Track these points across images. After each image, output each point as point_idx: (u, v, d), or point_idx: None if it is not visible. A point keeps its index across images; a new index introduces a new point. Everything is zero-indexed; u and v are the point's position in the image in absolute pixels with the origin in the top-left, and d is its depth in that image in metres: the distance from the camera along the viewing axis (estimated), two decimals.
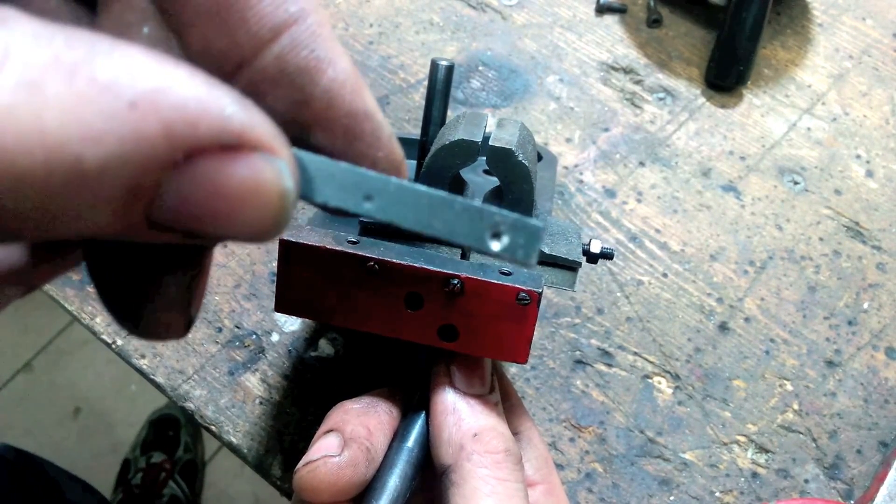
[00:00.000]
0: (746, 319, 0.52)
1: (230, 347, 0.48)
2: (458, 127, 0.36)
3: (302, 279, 0.33)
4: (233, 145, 0.16)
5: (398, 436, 0.34)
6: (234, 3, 0.18)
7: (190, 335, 0.49)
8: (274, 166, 0.16)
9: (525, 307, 0.32)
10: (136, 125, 0.14)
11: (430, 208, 0.19)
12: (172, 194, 0.15)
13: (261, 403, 0.47)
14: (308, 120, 0.19)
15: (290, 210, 0.17)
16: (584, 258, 0.38)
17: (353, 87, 0.20)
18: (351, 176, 0.18)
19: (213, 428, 0.46)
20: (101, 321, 0.50)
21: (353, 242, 0.33)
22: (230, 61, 0.19)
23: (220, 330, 0.49)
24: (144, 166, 0.14)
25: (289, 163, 0.17)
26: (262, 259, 0.52)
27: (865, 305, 0.52)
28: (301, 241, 0.33)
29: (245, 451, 0.46)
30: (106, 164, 0.14)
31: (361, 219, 0.36)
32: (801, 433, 0.48)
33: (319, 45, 0.19)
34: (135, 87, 0.14)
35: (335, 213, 0.19)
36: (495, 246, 0.19)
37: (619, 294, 0.52)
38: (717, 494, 0.46)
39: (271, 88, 0.19)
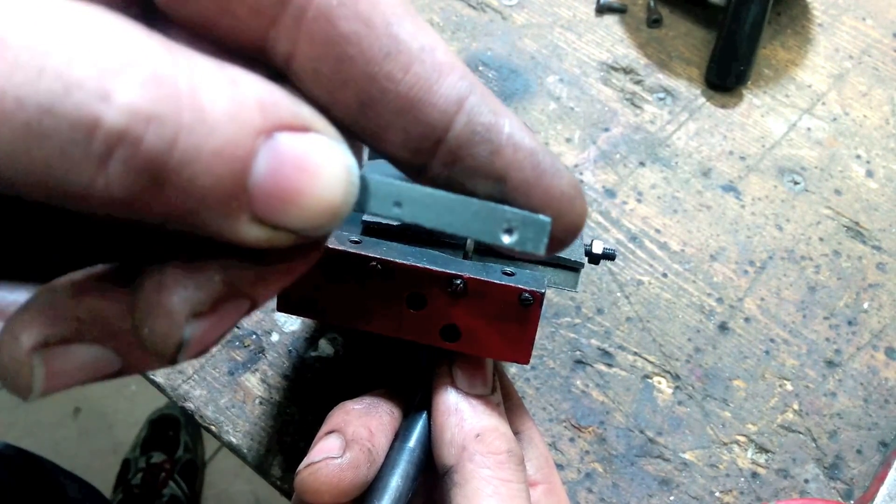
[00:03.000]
0: (746, 319, 0.52)
1: (230, 347, 0.48)
2: None
3: (304, 279, 0.33)
4: (305, 125, 0.19)
5: (400, 436, 0.34)
6: (423, 93, 0.22)
7: None
8: (338, 142, 0.19)
9: (528, 308, 0.32)
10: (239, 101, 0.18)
11: (449, 209, 0.21)
12: (263, 162, 0.18)
13: (261, 403, 0.47)
14: (501, 166, 0.23)
15: (355, 185, 0.19)
16: (587, 259, 0.38)
17: (528, 131, 0.23)
18: (384, 186, 0.21)
19: (212, 428, 0.46)
20: None
21: (356, 242, 0.33)
22: (429, 140, 0.22)
23: None
24: (245, 129, 0.17)
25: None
26: None
27: (865, 305, 0.52)
28: None
29: (245, 451, 0.46)
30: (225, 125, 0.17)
31: (365, 219, 0.36)
32: (801, 433, 0.48)
33: (493, 105, 0.23)
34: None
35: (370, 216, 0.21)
36: (507, 240, 0.21)
37: (619, 294, 0.52)
38: (717, 494, 0.46)
39: (468, 149, 0.23)
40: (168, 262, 0.20)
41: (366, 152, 0.31)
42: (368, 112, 0.22)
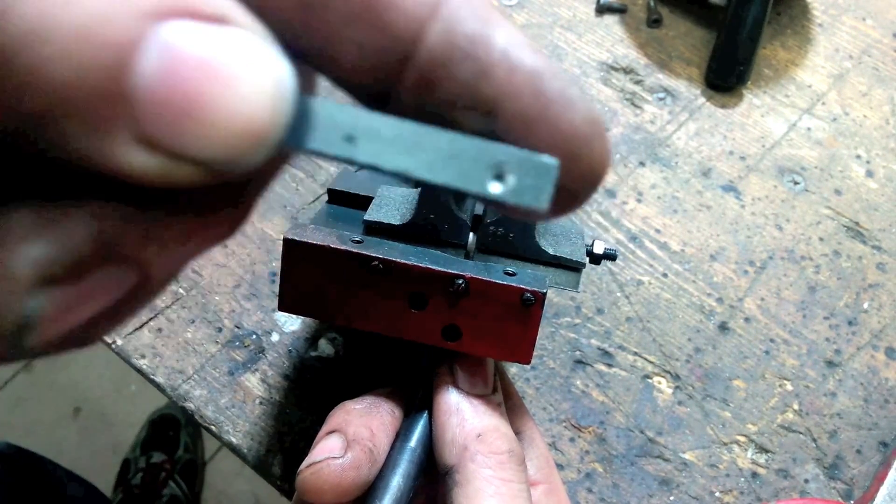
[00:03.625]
0: (746, 319, 0.52)
1: (230, 347, 0.48)
2: None
3: (305, 278, 0.33)
4: (220, 15, 0.14)
5: (401, 435, 0.34)
6: None
7: (190, 335, 0.49)
8: (265, 43, 0.14)
9: (529, 308, 0.32)
10: None
11: (419, 147, 0.16)
12: (154, 57, 0.13)
13: (261, 403, 0.47)
14: (492, 94, 0.17)
15: (287, 101, 0.15)
16: (588, 259, 0.38)
17: (529, 45, 0.17)
18: (332, 112, 0.16)
19: (212, 428, 0.46)
20: None
21: (357, 242, 0.33)
22: (394, 57, 0.17)
23: (220, 330, 0.49)
24: (128, 5, 0.13)
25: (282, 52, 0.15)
26: (262, 259, 0.51)
27: (865, 305, 0.52)
28: (305, 239, 0.33)
29: (245, 451, 0.46)
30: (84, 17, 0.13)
31: (366, 218, 0.36)
32: (801, 433, 0.48)
33: (482, 9, 0.17)
34: None
35: (316, 157, 0.17)
36: (496, 188, 0.16)
37: (619, 294, 0.52)
38: (717, 494, 0.46)
39: (446, 69, 0.17)
40: (21, 203, 0.15)
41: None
42: (311, 17, 0.16)
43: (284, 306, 0.34)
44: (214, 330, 0.49)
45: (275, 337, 0.49)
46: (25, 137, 0.13)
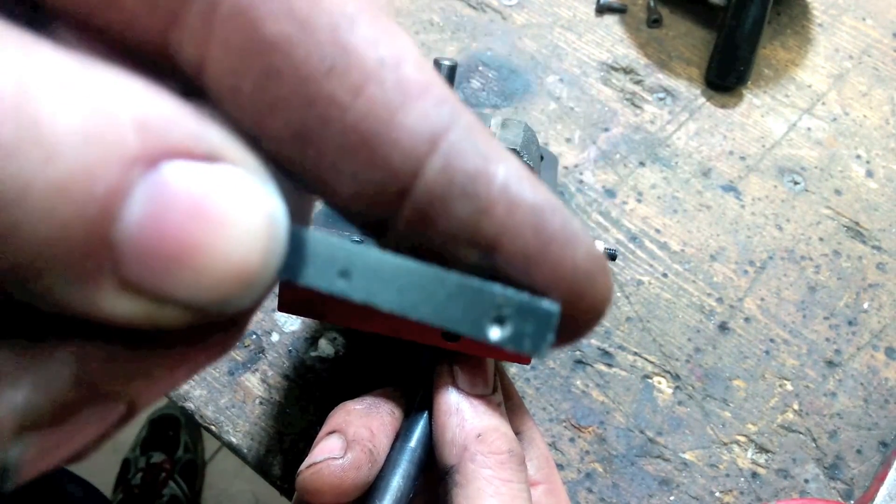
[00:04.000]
0: (746, 319, 0.52)
1: None
2: None
3: None
4: (210, 153, 0.13)
5: (401, 436, 0.34)
6: (380, 125, 0.15)
7: None
8: (258, 179, 0.14)
9: None
10: (105, 118, 0.12)
11: (416, 287, 0.16)
12: (139, 204, 0.12)
13: (261, 403, 0.47)
14: (492, 231, 0.16)
15: (280, 241, 0.14)
16: None
17: (529, 180, 0.17)
18: (327, 248, 0.16)
19: (212, 428, 0.46)
20: None
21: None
22: (391, 192, 0.16)
23: None
24: (110, 154, 0.12)
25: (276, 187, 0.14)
26: None
27: (865, 305, 0.52)
28: None
29: (245, 450, 0.46)
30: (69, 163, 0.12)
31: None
32: (801, 433, 0.48)
33: (483, 142, 0.16)
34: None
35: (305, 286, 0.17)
36: (495, 334, 0.16)
37: (619, 294, 0.52)
38: (717, 494, 0.46)
39: (445, 206, 0.16)
40: (1, 343, 0.14)
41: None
42: (307, 148, 0.16)
43: (284, 307, 0.34)
44: None
45: (275, 337, 0.49)
46: (4, 288, 0.13)
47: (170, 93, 0.14)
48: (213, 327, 0.16)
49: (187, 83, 0.16)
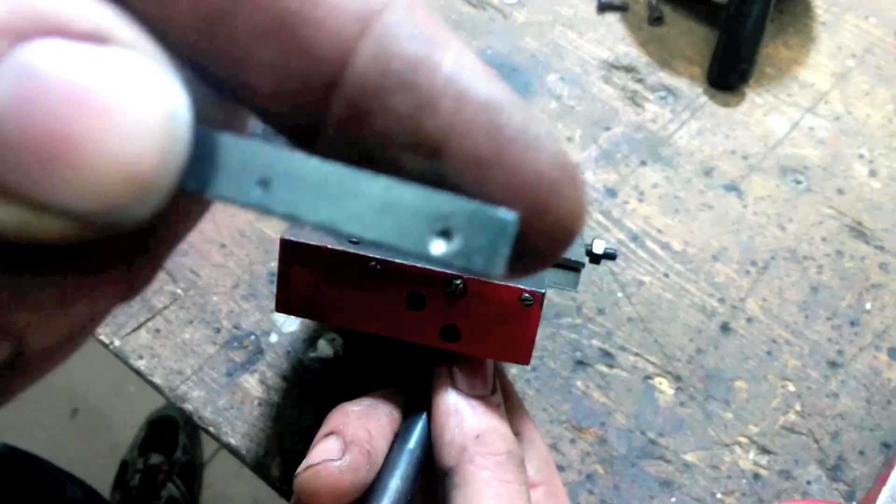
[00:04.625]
0: (748, 320, 0.51)
1: (228, 348, 0.48)
2: None
3: (302, 279, 0.33)
4: (96, 32, 0.11)
5: (399, 437, 0.34)
6: (301, 5, 0.13)
7: (188, 336, 0.48)
8: (155, 64, 0.12)
9: (528, 308, 0.32)
10: None
11: (345, 195, 0.13)
12: (4, 89, 0.11)
13: (259, 404, 0.47)
14: (437, 131, 0.14)
15: (182, 140, 0.12)
16: (588, 258, 0.38)
17: (483, 70, 0.14)
18: (242, 151, 0.13)
19: (211, 429, 0.46)
20: None
21: (355, 242, 0.33)
22: (316, 84, 0.14)
23: (218, 331, 0.49)
24: None
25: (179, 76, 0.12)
26: (260, 259, 0.51)
27: (868, 306, 0.52)
28: (302, 240, 0.32)
29: (244, 452, 0.46)
30: None
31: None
32: (804, 434, 0.48)
33: (427, 26, 0.14)
34: None
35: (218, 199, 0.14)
36: (439, 248, 0.13)
37: (620, 294, 0.52)
38: (719, 496, 0.46)
39: (380, 100, 0.14)
40: None
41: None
42: (218, 35, 0.13)
43: (282, 308, 0.34)
44: (213, 331, 0.49)
45: (273, 338, 0.49)
46: None
47: None
48: (115, 252, 0.14)
49: None
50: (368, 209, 0.13)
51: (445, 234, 0.13)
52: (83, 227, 0.12)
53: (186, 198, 0.13)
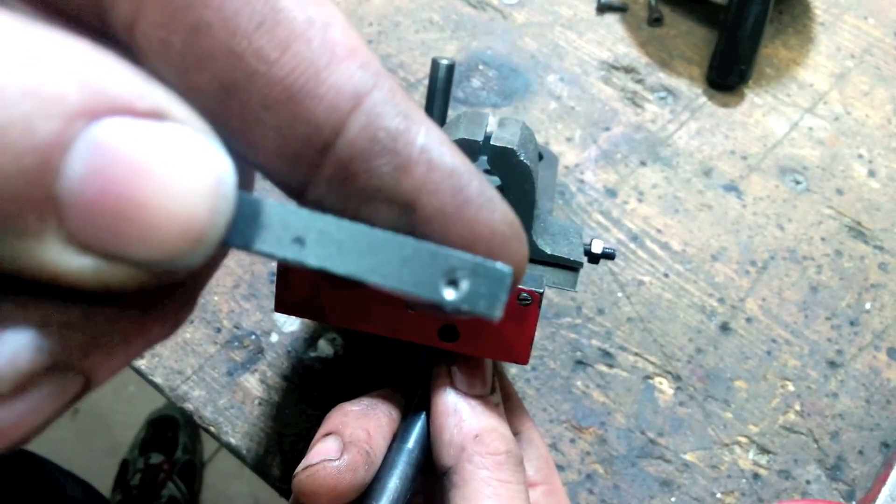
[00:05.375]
0: (748, 320, 0.51)
1: (229, 348, 0.48)
2: (459, 126, 0.35)
3: (301, 279, 0.33)
4: (157, 110, 0.14)
5: (398, 436, 0.34)
6: (305, 83, 0.16)
7: (188, 335, 0.49)
8: (206, 138, 0.14)
9: (526, 308, 0.32)
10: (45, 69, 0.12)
11: (372, 251, 0.16)
12: (81, 158, 0.13)
13: (260, 404, 0.47)
14: (411, 189, 0.17)
15: (229, 200, 0.14)
16: (586, 258, 0.38)
17: (452, 147, 0.18)
18: (280, 213, 0.16)
19: (211, 429, 0.46)
20: None
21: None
22: (313, 147, 0.16)
23: (218, 330, 0.49)
24: (52, 108, 0.12)
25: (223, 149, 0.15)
26: (260, 259, 0.51)
27: (867, 306, 0.52)
28: None
29: (244, 451, 0.46)
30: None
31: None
32: (803, 434, 0.48)
33: (405, 106, 0.17)
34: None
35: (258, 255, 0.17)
36: (450, 295, 0.16)
37: (619, 294, 0.52)
38: (719, 496, 0.46)
39: (365, 161, 0.17)
40: None
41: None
42: (233, 103, 0.16)
43: (281, 308, 0.34)
44: (213, 330, 0.49)
45: (274, 337, 0.49)
46: None
47: (111, 51, 0.14)
48: (165, 294, 0.16)
49: (118, 43, 0.16)
50: (389, 263, 0.16)
51: (454, 283, 0.16)
52: (146, 274, 0.14)
53: (228, 251, 0.16)
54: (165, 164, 0.13)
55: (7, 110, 0.12)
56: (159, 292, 0.16)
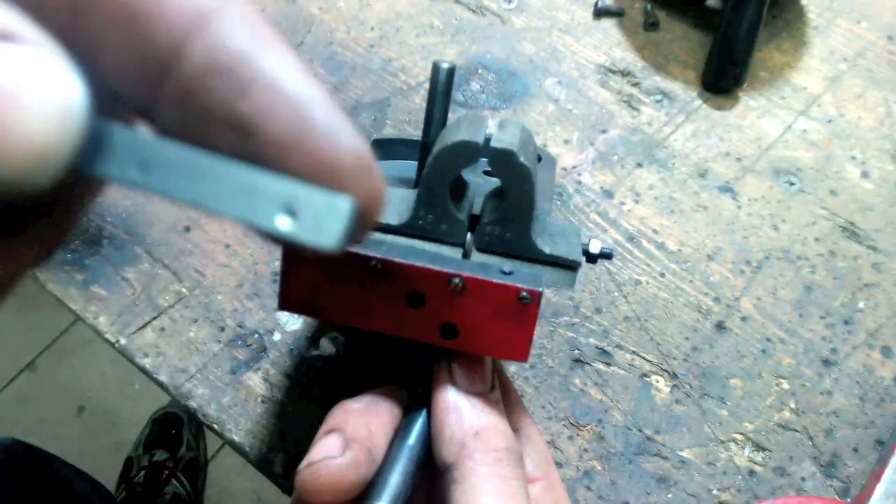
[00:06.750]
0: (743, 319, 0.52)
1: (232, 346, 0.49)
2: (459, 128, 0.36)
3: (305, 278, 0.34)
4: (5, 33, 0.14)
5: (400, 433, 0.34)
6: (145, 4, 0.16)
7: (192, 334, 0.49)
8: (55, 59, 0.14)
9: (526, 306, 0.33)
10: None
11: (211, 179, 0.16)
12: None
13: (263, 402, 0.47)
14: (249, 113, 0.17)
15: (76, 122, 0.15)
16: (584, 258, 0.39)
17: (299, 70, 0.17)
18: (127, 139, 0.16)
19: (215, 426, 0.47)
20: (105, 320, 0.50)
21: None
22: (153, 69, 0.17)
23: (222, 329, 0.50)
24: None
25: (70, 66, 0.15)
26: (264, 259, 0.52)
27: (861, 305, 0.53)
28: None
29: (247, 449, 0.46)
30: None
31: None
32: (798, 431, 0.49)
33: (252, 28, 0.17)
34: None
35: (111, 182, 0.17)
36: (284, 225, 0.16)
37: (617, 294, 0.52)
38: (715, 492, 0.47)
39: (205, 83, 0.16)
40: None
41: None
42: (80, 23, 0.16)
43: (284, 306, 0.35)
44: (217, 329, 0.50)
45: (277, 336, 0.49)
46: None
47: None
48: (30, 218, 0.17)
49: None
50: (227, 191, 0.16)
51: (291, 213, 0.16)
52: None
53: (79, 176, 0.16)
54: (14, 84, 0.13)
55: None
56: (24, 216, 0.16)
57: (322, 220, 0.16)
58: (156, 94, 0.17)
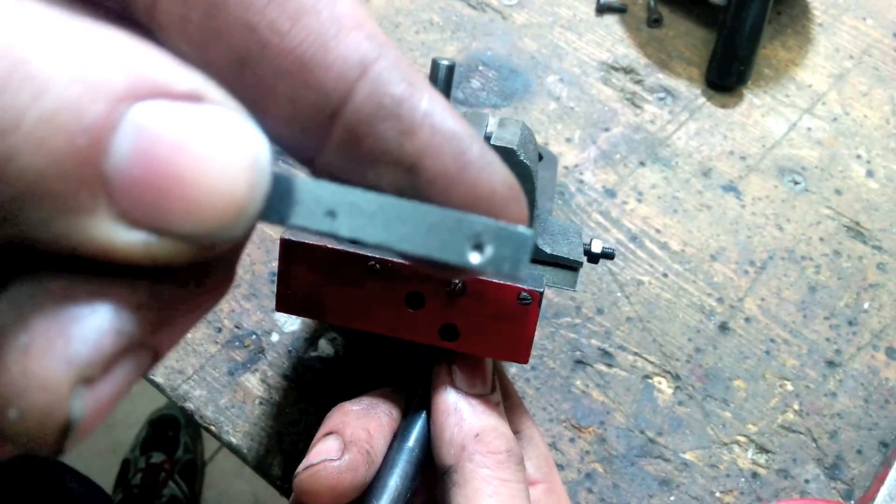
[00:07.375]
0: (747, 319, 0.52)
1: (230, 347, 0.48)
2: None
3: (303, 278, 0.33)
4: (194, 93, 0.15)
5: (399, 435, 0.34)
6: (315, 52, 0.17)
7: (189, 335, 0.49)
8: (242, 118, 0.15)
9: (526, 307, 0.32)
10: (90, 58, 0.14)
11: (400, 220, 0.17)
12: (126, 138, 0.14)
13: (260, 404, 0.47)
14: (415, 152, 0.18)
15: (265, 174, 0.15)
16: (586, 258, 0.38)
17: (454, 112, 0.19)
18: (313, 188, 0.17)
19: (212, 428, 0.46)
20: None
21: (355, 241, 0.33)
22: (323, 113, 0.18)
23: (219, 330, 0.49)
24: (98, 91, 0.13)
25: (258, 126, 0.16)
26: (261, 259, 0.51)
27: (866, 305, 0.52)
28: (302, 239, 0.33)
29: (245, 451, 0.46)
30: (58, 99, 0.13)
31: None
32: (802, 433, 0.48)
33: (409, 74, 0.18)
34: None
35: (301, 231, 0.18)
36: (476, 259, 0.17)
37: (619, 294, 0.52)
38: (718, 495, 0.46)
39: (371, 126, 0.18)
40: (33, 293, 0.14)
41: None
42: (247, 74, 0.17)
43: (282, 307, 0.34)
44: (214, 330, 0.49)
45: (274, 337, 0.49)
46: (6, 225, 0.13)
47: (146, 39, 0.15)
48: (211, 267, 0.18)
49: (137, 24, 0.17)
50: (416, 232, 0.17)
51: (479, 248, 0.17)
52: (192, 247, 0.15)
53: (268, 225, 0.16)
54: (204, 143, 0.14)
55: (58, 95, 0.13)
56: (206, 266, 0.17)
57: (508, 251, 0.17)
58: (323, 139, 0.18)
